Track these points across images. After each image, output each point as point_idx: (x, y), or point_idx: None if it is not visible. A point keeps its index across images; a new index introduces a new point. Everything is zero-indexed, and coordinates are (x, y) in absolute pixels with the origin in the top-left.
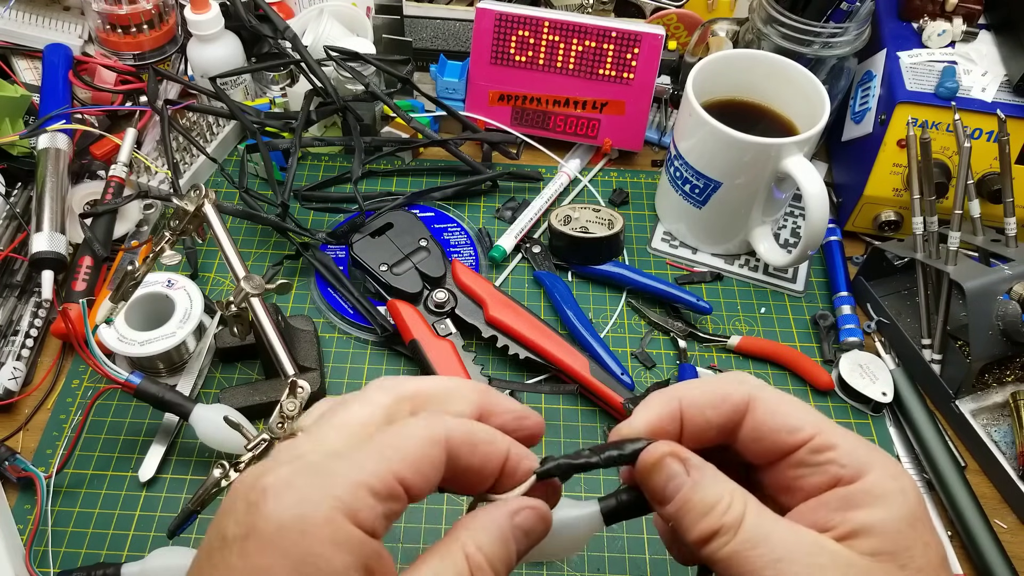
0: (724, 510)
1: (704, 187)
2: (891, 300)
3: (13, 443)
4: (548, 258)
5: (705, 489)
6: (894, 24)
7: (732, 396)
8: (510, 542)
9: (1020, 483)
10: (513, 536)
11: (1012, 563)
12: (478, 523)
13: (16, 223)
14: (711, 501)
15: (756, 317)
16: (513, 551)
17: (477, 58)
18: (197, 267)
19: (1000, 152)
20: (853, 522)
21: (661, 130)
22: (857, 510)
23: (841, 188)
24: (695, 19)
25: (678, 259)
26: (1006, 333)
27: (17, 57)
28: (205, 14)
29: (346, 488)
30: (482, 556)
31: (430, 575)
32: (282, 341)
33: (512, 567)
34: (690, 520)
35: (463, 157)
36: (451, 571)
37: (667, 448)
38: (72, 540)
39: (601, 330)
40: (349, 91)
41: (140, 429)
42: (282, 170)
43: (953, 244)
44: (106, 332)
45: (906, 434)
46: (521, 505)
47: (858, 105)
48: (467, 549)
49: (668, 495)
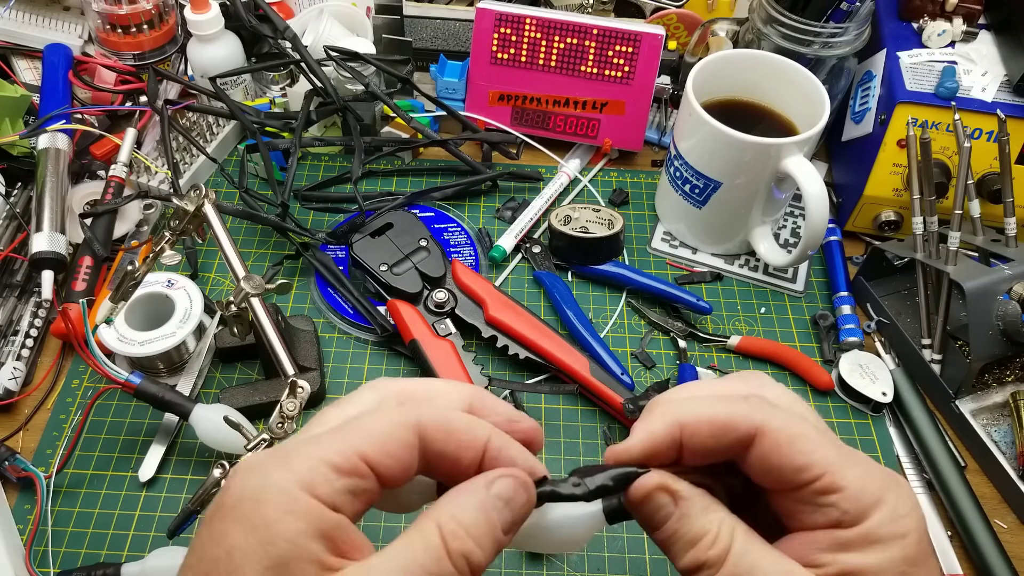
0: (710, 544)
1: (704, 187)
2: (891, 300)
3: (13, 443)
4: (548, 258)
5: (692, 521)
6: (894, 24)
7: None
8: (490, 512)
9: (1020, 483)
10: (492, 505)
11: (1012, 563)
12: (452, 496)
13: (16, 223)
14: (697, 534)
15: (756, 317)
16: (495, 521)
17: (477, 58)
18: (197, 267)
19: (1000, 152)
20: (843, 564)
21: (661, 130)
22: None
23: (841, 188)
24: (695, 19)
25: (678, 259)
26: (1006, 333)
27: (17, 57)
28: (205, 14)
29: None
30: (456, 524)
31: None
32: (282, 341)
33: (500, 541)
34: (676, 551)
35: (463, 157)
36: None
37: (655, 482)
38: (72, 540)
39: (601, 330)
40: (349, 91)
41: (140, 429)
42: (282, 170)
43: (953, 244)
44: (106, 332)
45: (906, 434)
46: (497, 474)
47: (858, 105)
48: (440, 520)
49: (656, 524)
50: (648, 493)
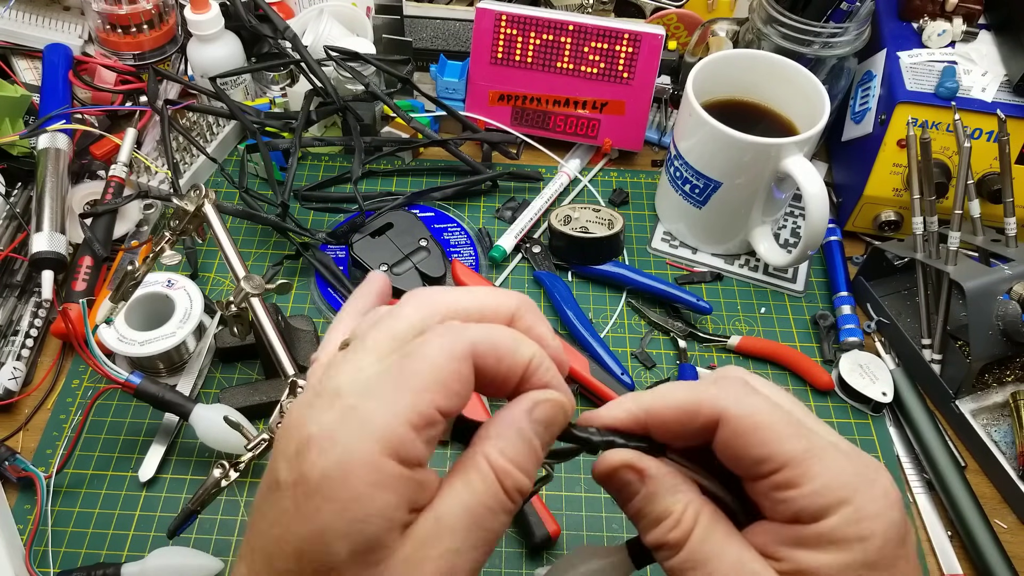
0: (672, 526)
1: (704, 187)
2: (891, 300)
3: (13, 443)
4: (548, 258)
5: (658, 500)
6: (894, 24)
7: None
8: (532, 439)
9: (1020, 483)
10: (534, 432)
11: (1012, 563)
12: (496, 429)
13: (16, 223)
14: (662, 514)
15: (756, 317)
16: (538, 446)
17: (477, 58)
18: (197, 267)
19: (1000, 152)
20: (798, 561)
21: (661, 130)
22: (805, 550)
23: (841, 188)
24: (695, 19)
25: (678, 259)
26: (1006, 333)
27: (17, 57)
28: (205, 14)
29: (388, 428)
30: (506, 460)
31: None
32: (282, 341)
33: (540, 460)
34: (642, 528)
35: (463, 157)
36: (479, 483)
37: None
38: (72, 540)
39: (601, 330)
40: (349, 91)
41: (140, 429)
42: (282, 170)
43: (953, 244)
44: (106, 332)
45: (906, 434)
46: (536, 399)
47: (858, 105)
48: (490, 457)
49: (623, 500)
50: (613, 469)
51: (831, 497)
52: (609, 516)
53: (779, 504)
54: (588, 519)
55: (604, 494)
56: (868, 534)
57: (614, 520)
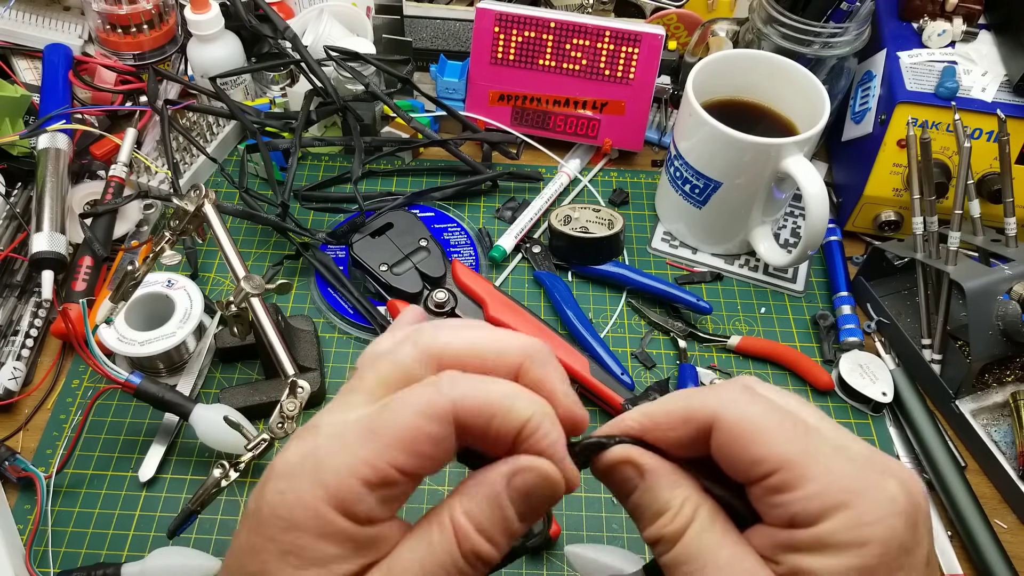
0: (668, 521)
1: (704, 187)
2: (891, 300)
3: (13, 443)
4: (548, 258)
5: (656, 495)
6: (894, 24)
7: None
8: (506, 507)
9: (1020, 483)
10: (509, 499)
11: (1012, 563)
12: (470, 486)
13: (16, 223)
14: (660, 509)
15: (756, 317)
16: (512, 515)
17: (477, 58)
18: (197, 267)
19: (1000, 152)
20: (792, 564)
21: (661, 130)
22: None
23: (841, 188)
24: (695, 19)
25: (678, 259)
26: (1006, 333)
27: (17, 57)
28: (205, 14)
29: (337, 479)
30: (468, 521)
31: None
32: (282, 341)
33: (514, 531)
34: (641, 523)
35: (463, 157)
36: (437, 541)
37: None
38: (72, 540)
39: (601, 330)
40: (349, 91)
41: (140, 429)
42: (282, 170)
43: (953, 244)
44: (106, 332)
45: (906, 434)
46: (519, 467)
47: (858, 105)
48: (453, 515)
49: (623, 495)
50: (612, 465)
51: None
52: (609, 516)
53: (775, 508)
54: (588, 519)
55: (604, 494)
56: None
57: (614, 520)
